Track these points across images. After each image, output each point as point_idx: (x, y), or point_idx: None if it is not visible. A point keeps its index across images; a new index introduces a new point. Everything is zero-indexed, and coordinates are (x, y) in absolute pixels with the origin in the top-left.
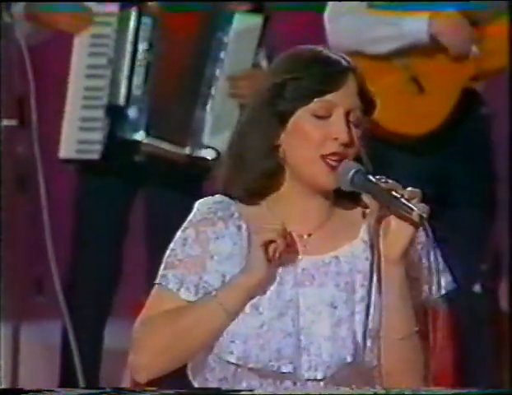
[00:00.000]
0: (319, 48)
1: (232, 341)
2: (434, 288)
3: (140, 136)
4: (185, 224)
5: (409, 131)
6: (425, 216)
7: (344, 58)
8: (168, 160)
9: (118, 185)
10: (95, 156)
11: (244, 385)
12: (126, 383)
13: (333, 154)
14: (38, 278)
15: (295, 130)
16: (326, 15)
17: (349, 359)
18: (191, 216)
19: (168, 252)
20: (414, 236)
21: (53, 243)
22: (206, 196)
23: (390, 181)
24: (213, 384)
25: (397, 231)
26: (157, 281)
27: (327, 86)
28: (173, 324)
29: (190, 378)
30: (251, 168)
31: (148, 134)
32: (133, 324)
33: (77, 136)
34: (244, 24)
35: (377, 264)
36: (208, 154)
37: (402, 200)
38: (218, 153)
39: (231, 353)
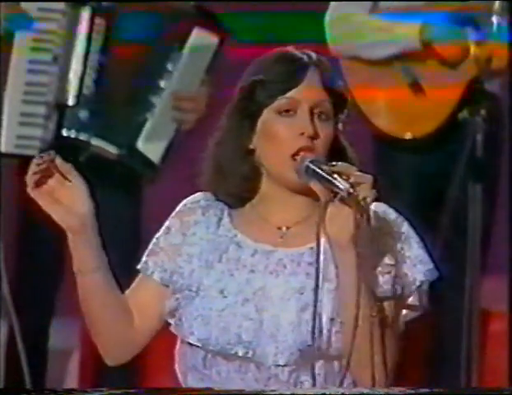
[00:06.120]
0: (287, 47)
1: (193, 323)
2: (409, 278)
3: (86, 136)
4: (172, 214)
5: (410, 134)
6: (355, 193)
7: (308, 54)
8: (108, 161)
9: None
10: (34, 153)
11: (213, 371)
12: (70, 383)
13: (301, 149)
14: None
15: (264, 131)
16: (327, 19)
17: (310, 342)
18: (178, 207)
19: (153, 240)
20: (358, 220)
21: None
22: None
23: (340, 164)
24: (185, 371)
25: (341, 216)
26: (139, 266)
27: (287, 83)
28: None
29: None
30: (230, 173)
31: (94, 135)
32: (76, 323)
33: (17, 131)
34: (199, 42)
35: (323, 251)
36: (137, 158)
37: (336, 181)
38: (147, 160)
39: (192, 334)
